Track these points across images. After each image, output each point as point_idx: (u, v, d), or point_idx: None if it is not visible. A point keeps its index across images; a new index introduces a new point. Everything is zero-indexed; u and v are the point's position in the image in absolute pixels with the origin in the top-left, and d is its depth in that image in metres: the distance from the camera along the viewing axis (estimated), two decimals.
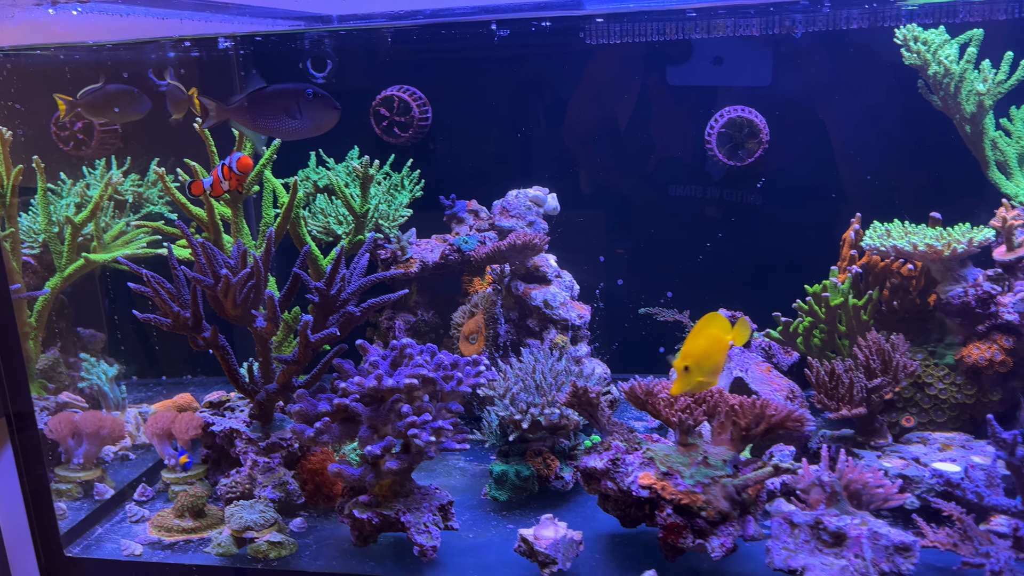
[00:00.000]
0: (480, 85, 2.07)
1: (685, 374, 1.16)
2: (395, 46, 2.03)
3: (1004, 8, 1.69)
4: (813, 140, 1.91)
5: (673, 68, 1.96)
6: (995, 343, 1.50)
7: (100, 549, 1.47)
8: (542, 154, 2.06)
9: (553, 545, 1.31)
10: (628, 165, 2.07)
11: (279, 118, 1.40)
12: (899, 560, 1.24)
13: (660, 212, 2.06)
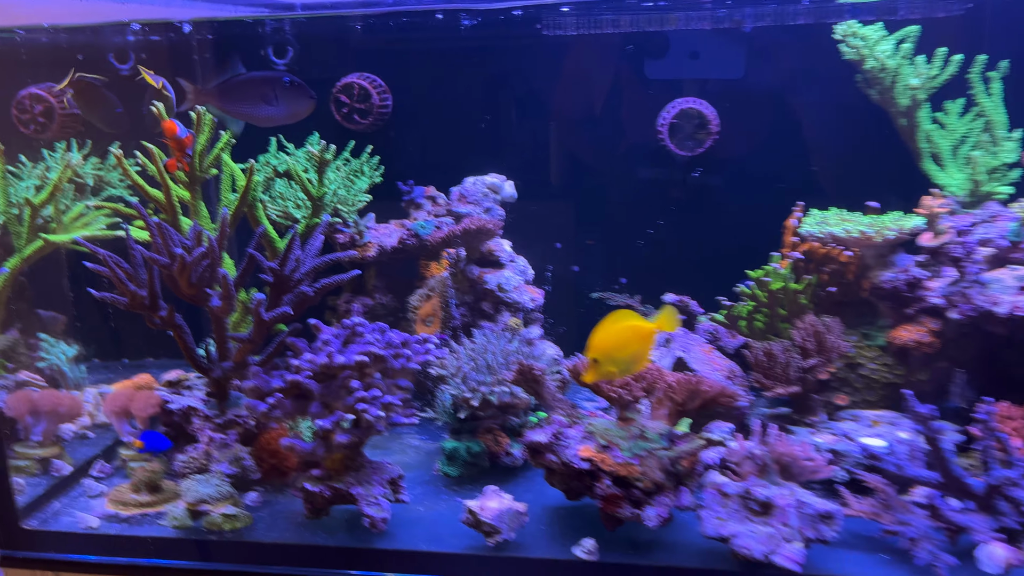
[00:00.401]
0: (440, 74, 2.11)
1: (595, 365, 1.23)
2: (356, 34, 2.06)
3: (942, 6, 1.77)
4: (761, 131, 1.98)
5: (626, 60, 2.02)
6: (923, 325, 1.58)
7: (57, 522, 1.51)
8: (500, 143, 2.11)
9: (498, 516, 1.37)
10: (583, 154, 2.12)
11: (255, 104, 1.44)
12: (823, 528, 1.31)
13: (614, 200, 2.12)
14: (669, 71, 2.01)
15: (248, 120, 1.48)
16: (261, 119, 1.47)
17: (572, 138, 2.11)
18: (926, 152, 1.75)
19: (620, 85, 2.03)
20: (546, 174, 2.12)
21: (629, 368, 1.26)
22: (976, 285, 1.49)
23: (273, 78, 1.45)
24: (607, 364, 1.24)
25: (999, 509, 1.33)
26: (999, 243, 1.56)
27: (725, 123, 1.93)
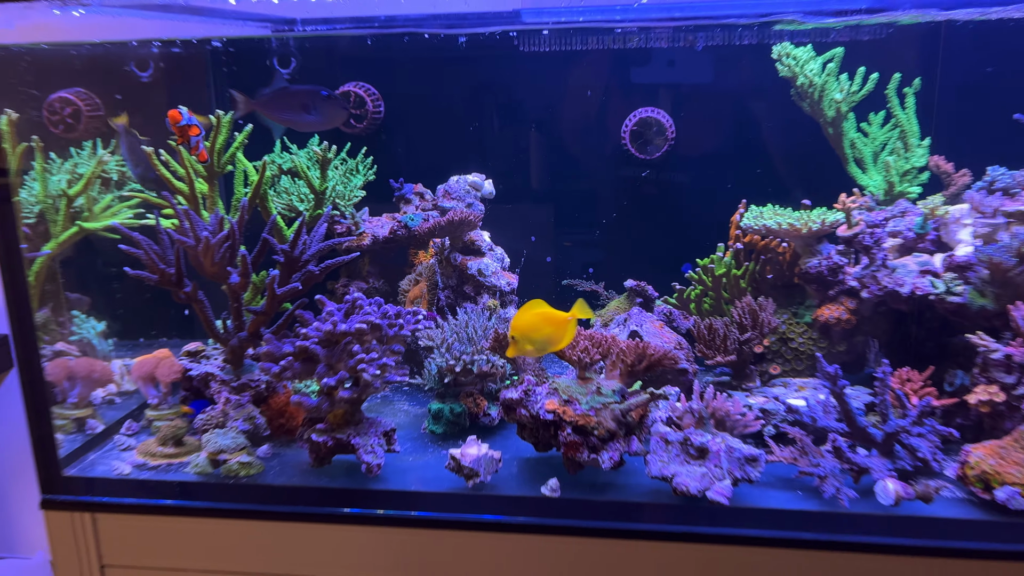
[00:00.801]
0: (428, 83, 2.35)
1: (514, 342, 1.53)
2: (352, 47, 2.30)
3: (867, 31, 2.04)
4: (711, 137, 2.24)
5: (594, 74, 2.27)
6: (842, 304, 1.84)
7: (93, 470, 1.73)
8: (481, 146, 2.35)
9: (476, 461, 1.61)
10: (557, 157, 2.37)
11: (297, 113, 1.70)
12: (748, 469, 1.56)
13: (582, 198, 2.37)
14: (630, 84, 2.26)
15: (290, 126, 1.73)
16: (302, 125, 1.72)
17: (545, 142, 2.36)
18: (851, 157, 2.01)
19: (588, 96, 2.29)
20: (522, 174, 2.37)
21: (544, 347, 1.55)
22: (883, 269, 1.75)
23: (312, 91, 1.72)
24: (524, 343, 1.53)
25: (897, 454, 1.59)
26: (907, 235, 1.83)
27: (680, 130, 2.19)
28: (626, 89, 2.26)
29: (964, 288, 1.66)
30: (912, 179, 1.95)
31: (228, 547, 1.64)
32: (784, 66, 1.96)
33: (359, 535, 1.61)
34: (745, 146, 2.21)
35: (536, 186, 2.37)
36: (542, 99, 2.34)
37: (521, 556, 1.56)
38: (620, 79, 2.27)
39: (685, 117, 2.21)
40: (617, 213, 2.30)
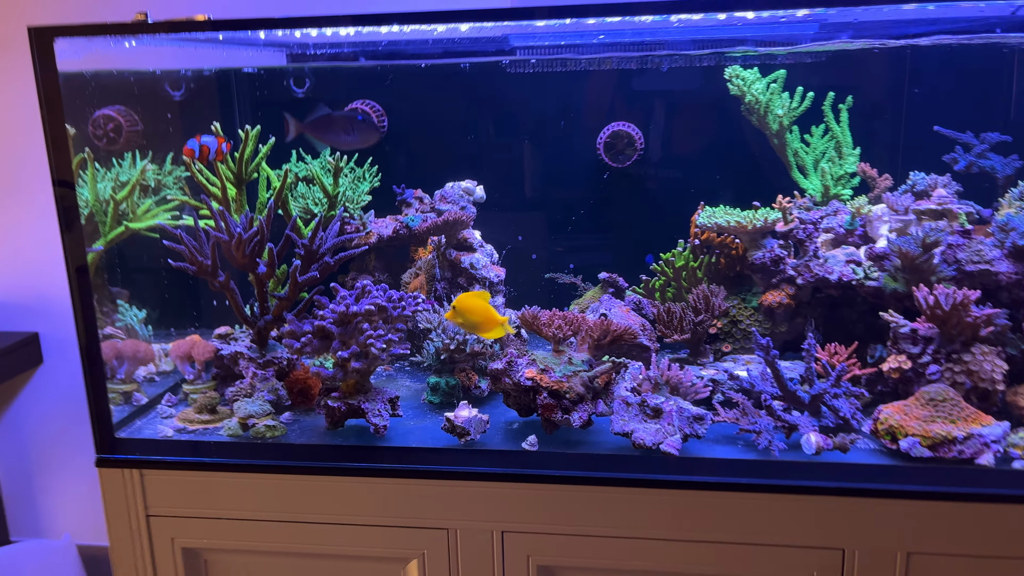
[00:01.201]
0: (426, 100, 2.66)
1: (453, 310, 1.89)
2: (359, 68, 2.60)
3: (809, 56, 2.34)
4: (676, 147, 2.54)
5: (573, 92, 2.58)
6: (783, 291, 2.13)
7: (140, 433, 2.02)
8: (474, 156, 2.66)
9: (467, 421, 1.90)
10: (541, 165, 2.67)
11: (338, 135, 2.05)
12: (696, 426, 1.85)
13: (564, 202, 2.67)
14: (604, 101, 2.57)
15: (333, 146, 2.11)
16: (342, 144, 2.11)
17: (531, 152, 2.66)
18: (794, 164, 2.31)
19: (567, 111, 2.59)
20: (510, 181, 2.67)
21: (469, 327, 1.93)
22: (815, 259, 2.05)
23: (350, 116, 2.09)
24: (458, 315, 1.90)
25: (823, 413, 1.88)
26: (838, 230, 2.12)
27: (648, 141, 2.50)
28: (600, 105, 2.56)
29: (880, 274, 1.96)
30: (845, 183, 2.25)
31: (256, 497, 1.93)
32: (734, 86, 2.26)
33: (368, 486, 1.89)
34: (704, 155, 2.51)
35: (522, 191, 2.67)
36: (528, 114, 2.65)
37: (504, 501, 1.85)
38: (595, 96, 2.57)
39: (652, 130, 2.51)
40: (593, 214, 2.60)
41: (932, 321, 1.83)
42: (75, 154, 2.12)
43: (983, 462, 1.69)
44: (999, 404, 1.83)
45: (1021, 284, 1.86)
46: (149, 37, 1.87)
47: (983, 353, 1.80)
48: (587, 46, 2.41)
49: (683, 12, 1.77)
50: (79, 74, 2.15)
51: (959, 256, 1.90)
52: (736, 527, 1.78)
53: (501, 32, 2.32)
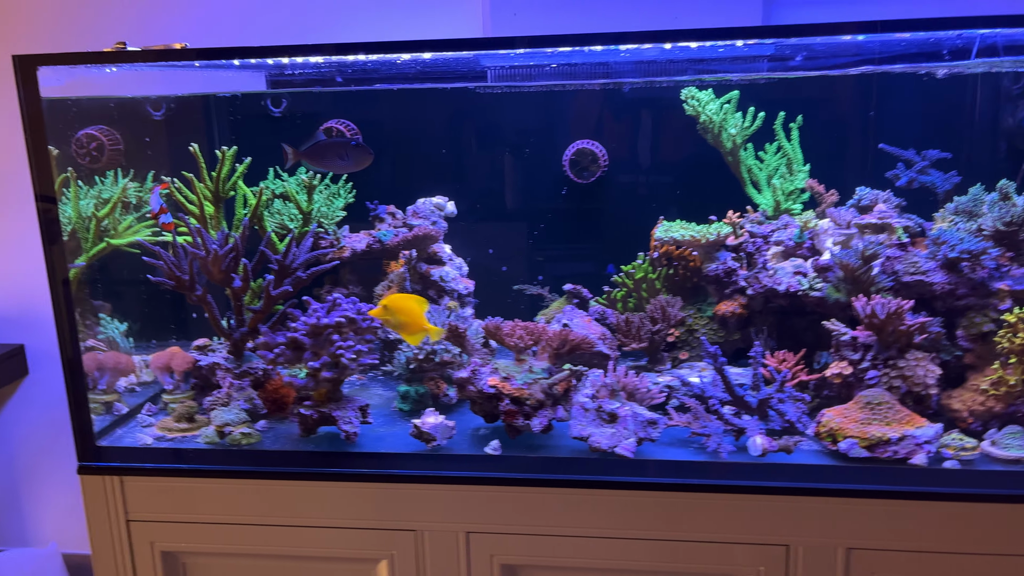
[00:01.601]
0: (398, 119, 2.76)
1: (383, 309, 1.96)
2: (332, 89, 2.70)
3: (762, 79, 2.46)
4: (638, 164, 2.65)
5: (540, 112, 2.69)
6: (736, 301, 2.24)
7: (121, 441, 2.11)
8: (445, 173, 2.76)
9: (434, 427, 2.00)
10: (510, 182, 2.78)
11: (334, 160, 2.18)
12: (650, 430, 1.95)
13: (531, 217, 2.77)
14: (569, 120, 2.68)
15: (330, 170, 2.31)
16: (339, 168, 2.26)
17: (501, 169, 2.77)
18: (748, 180, 2.43)
19: (534, 130, 2.70)
20: (481, 196, 2.78)
21: (396, 325, 1.99)
22: (764, 271, 2.17)
23: (344, 142, 2.21)
24: (387, 312, 1.96)
25: (770, 417, 1.99)
26: (787, 243, 2.24)
27: (611, 158, 2.61)
28: (565, 124, 2.67)
29: (823, 285, 2.07)
30: (795, 198, 2.37)
31: (232, 502, 2.02)
32: (689, 106, 2.37)
33: (339, 490, 1.98)
34: (664, 171, 2.62)
35: (492, 207, 2.78)
36: (498, 133, 2.76)
37: (469, 503, 1.94)
38: (561, 116, 2.68)
39: (615, 147, 2.62)
40: (559, 228, 2.71)
41: (870, 329, 1.95)
42: (58, 173, 2.21)
43: (916, 462, 1.80)
44: (934, 407, 1.95)
45: (954, 294, 1.97)
46: (129, 64, 1.97)
47: (917, 359, 1.91)
48: (554, 69, 2.52)
49: (628, 43, 1.89)
50: (62, 100, 2.25)
51: (897, 268, 2.02)
52: (687, 525, 1.88)
53: (473, 55, 2.43)
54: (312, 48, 2.06)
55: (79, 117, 2.36)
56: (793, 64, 2.37)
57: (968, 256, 1.93)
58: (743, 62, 2.38)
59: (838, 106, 2.59)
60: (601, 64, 2.48)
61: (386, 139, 2.76)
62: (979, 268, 1.95)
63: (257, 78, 2.65)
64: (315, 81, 2.64)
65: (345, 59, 2.23)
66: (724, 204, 2.43)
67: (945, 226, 2.09)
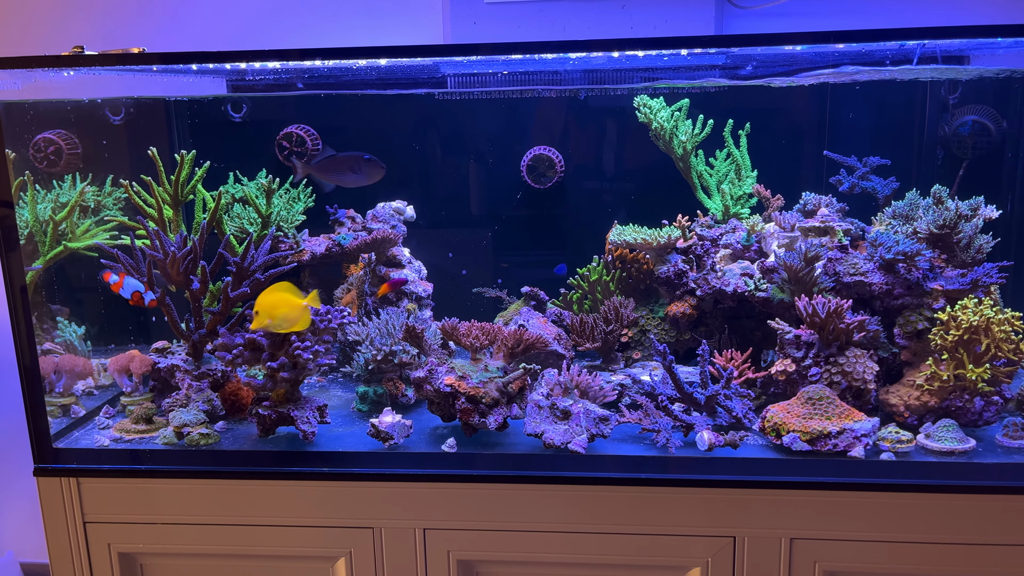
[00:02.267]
0: (358, 124, 2.80)
1: (257, 316, 1.91)
2: (293, 94, 2.73)
3: (713, 87, 2.54)
4: (593, 170, 2.72)
5: (498, 118, 2.75)
6: (685, 302, 2.31)
7: (78, 444, 2.11)
8: (405, 177, 2.80)
9: (391, 426, 2.03)
10: (469, 186, 2.83)
11: (345, 174, 2.16)
12: (602, 426, 2.00)
13: (490, 221, 2.83)
14: (527, 126, 2.74)
15: (340, 184, 2.27)
16: (349, 182, 2.24)
17: (460, 174, 2.82)
18: (698, 186, 2.50)
19: (492, 136, 2.76)
20: (440, 201, 2.82)
21: (282, 325, 1.93)
22: (712, 273, 2.24)
23: (356, 156, 2.19)
24: (265, 317, 1.91)
25: (718, 413, 2.06)
26: (735, 246, 2.31)
27: (567, 164, 2.67)
28: (523, 130, 2.73)
29: (768, 286, 2.15)
30: (744, 203, 2.45)
31: (190, 502, 2.03)
32: (641, 114, 2.44)
33: (297, 489, 2.01)
34: (619, 176, 2.69)
35: (452, 211, 2.83)
36: (457, 139, 2.81)
37: (425, 500, 1.98)
38: (519, 122, 2.74)
39: (572, 153, 2.69)
40: (517, 232, 2.76)
41: (812, 328, 2.03)
42: (15, 177, 2.21)
43: (855, 454, 1.88)
44: (872, 402, 2.03)
45: (891, 293, 2.06)
46: (87, 67, 1.98)
47: (856, 356, 1.99)
48: (512, 76, 2.58)
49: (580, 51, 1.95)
50: (20, 103, 2.25)
51: (838, 269, 2.10)
52: (638, 518, 1.94)
53: (433, 62, 2.48)
54: (272, 53, 2.10)
55: (36, 121, 2.36)
56: (743, 73, 2.46)
57: (903, 257, 2.02)
58: (695, 71, 2.46)
59: (786, 114, 2.68)
60: (556, 72, 2.54)
61: (346, 144, 2.79)
62: (914, 269, 2.04)
63: (218, 83, 2.68)
64: (276, 86, 2.68)
65: (305, 65, 2.27)
66: (676, 208, 2.50)
67: (883, 229, 2.18)
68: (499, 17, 2.57)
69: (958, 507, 1.85)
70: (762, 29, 2.63)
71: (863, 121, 2.64)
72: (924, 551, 1.88)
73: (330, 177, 2.20)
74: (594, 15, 2.54)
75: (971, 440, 1.92)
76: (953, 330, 1.92)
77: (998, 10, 2.52)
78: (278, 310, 1.94)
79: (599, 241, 2.56)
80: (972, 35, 1.92)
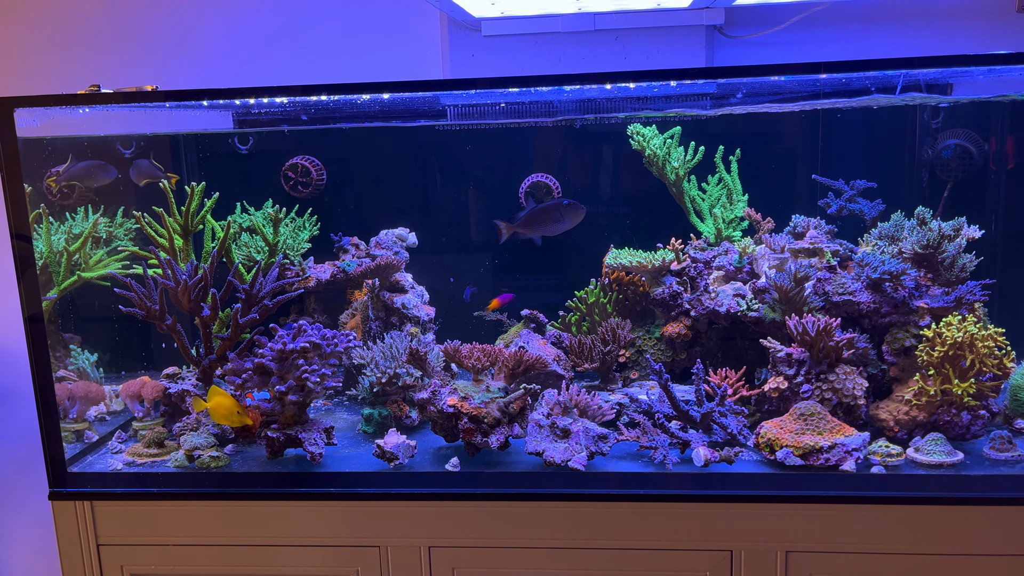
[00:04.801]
0: (361, 156, 2.89)
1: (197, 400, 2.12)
2: (298, 128, 2.83)
3: (704, 115, 2.63)
4: (590, 195, 2.80)
5: (497, 147, 2.83)
6: (681, 323, 2.38)
7: (92, 468, 2.17)
8: (407, 205, 2.89)
9: (396, 447, 2.09)
10: (469, 213, 2.91)
11: (549, 225, 2.24)
12: (601, 444, 2.06)
13: (492, 246, 2.90)
14: (525, 154, 2.83)
15: (547, 234, 2.34)
16: (555, 230, 2.31)
17: (461, 201, 2.90)
18: (691, 210, 2.58)
19: (491, 163, 2.85)
20: (442, 227, 2.90)
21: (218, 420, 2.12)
22: (706, 294, 2.31)
23: (557, 204, 2.27)
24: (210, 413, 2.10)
25: (713, 430, 2.12)
26: (728, 268, 2.39)
27: (565, 190, 2.75)
28: (521, 158, 2.82)
29: (760, 306, 2.22)
30: (735, 226, 2.53)
31: (201, 524, 2.09)
32: (635, 141, 2.53)
33: (305, 509, 2.06)
34: (614, 202, 2.78)
35: (453, 237, 2.91)
36: (458, 167, 2.90)
37: (430, 519, 2.03)
38: (517, 151, 2.83)
39: (568, 180, 2.77)
40: (516, 257, 2.84)
41: (803, 346, 2.09)
42: (31, 210, 2.29)
43: (846, 468, 1.94)
44: (863, 417, 2.09)
45: (878, 312, 2.13)
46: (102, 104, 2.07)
47: (846, 373, 2.06)
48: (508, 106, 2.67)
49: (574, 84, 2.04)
50: (38, 139, 2.34)
51: (827, 289, 2.17)
52: (637, 533, 1.99)
53: (433, 95, 2.57)
54: (278, 89, 2.19)
55: (53, 156, 2.45)
56: (734, 100, 2.55)
57: (890, 277, 2.09)
58: (687, 100, 2.55)
59: (775, 139, 2.77)
60: (551, 103, 2.63)
61: (350, 174, 2.88)
62: (900, 288, 2.11)
63: (224, 117, 2.77)
64: (281, 119, 2.77)
65: (310, 99, 2.37)
66: (669, 232, 2.58)
67: (869, 250, 2.25)
68: (496, 49, 2.67)
69: (947, 518, 1.90)
70: (751, 58, 2.73)
71: (850, 145, 2.73)
72: (915, 562, 1.93)
73: (536, 231, 2.26)
74: (588, 46, 2.64)
75: (959, 453, 1.98)
76: (939, 346, 1.98)
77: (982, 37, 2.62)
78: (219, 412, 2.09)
79: (596, 264, 2.63)
80: (952, 64, 2.01)
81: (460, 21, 2.61)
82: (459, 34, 2.64)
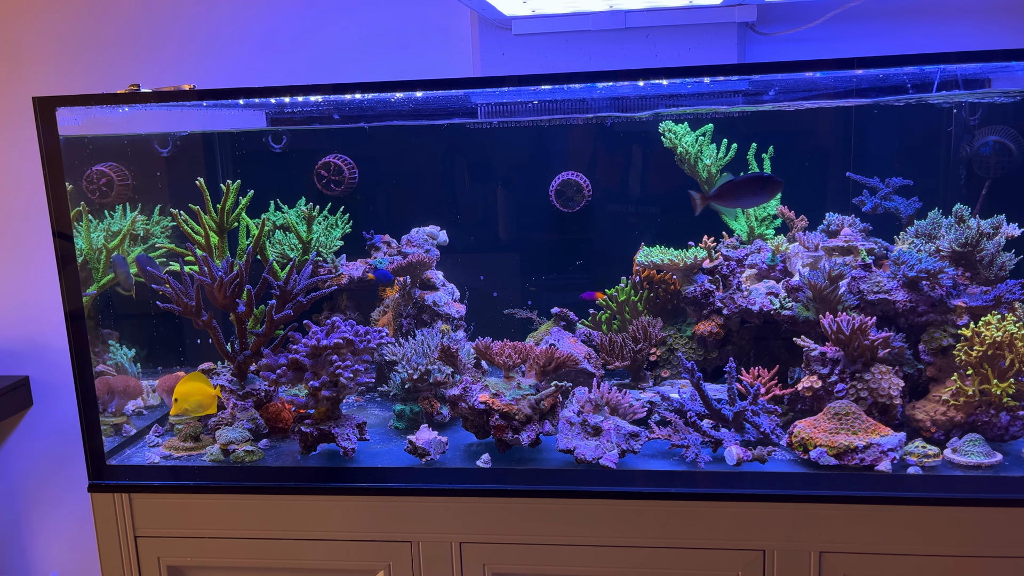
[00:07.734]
0: (393, 154, 2.91)
1: (176, 403, 2.13)
2: (330, 126, 2.85)
3: (737, 112, 2.61)
4: (620, 193, 2.80)
5: (527, 145, 2.84)
6: (713, 321, 2.37)
7: (129, 461, 2.21)
8: (438, 203, 2.90)
9: (427, 442, 2.11)
10: (500, 212, 2.92)
11: (747, 198, 2.23)
12: (632, 442, 2.06)
13: (522, 245, 2.91)
14: (555, 152, 2.83)
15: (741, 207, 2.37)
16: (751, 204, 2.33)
17: (491, 199, 2.91)
18: (723, 208, 2.56)
19: (522, 161, 2.85)
20: (472, 225, 2.91)
21: (196, 410, 2.16)
22: (739, 292, 2.30)
23: (755, 177, 2.25)
24: (183, 403, 2.14)
25: (746, 429, 2.10)
26: (761, 266, 2.37)
27: (595, 188, 2.75)
28: (551, 156, 2.82)
29: (794, 304, 2.20)
30: (768, 224, 2.51)
31: (236, 517, 2.11)
32: (667, 139, 2.52)
33: (338, 503, 2.08)
34: (646, 200, 2.77)
35: (483, 235, 2.92)
36: (488, 165, 2.91)
37: (461, 515, 2.04)
38: (547, 149, 2.83)
39: (599, 177, 2.77)
40: (547, 255, 2.85)
41: (837, 344, 2.07)
42: (72, 207, 2.34)
43: (882, 468, 1.92)
44: (899, 417, 2.06)
45: (915, 311, 2.10)
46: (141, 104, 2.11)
47: (881, 372, 2.03)
48: (539, 104, 2.68)
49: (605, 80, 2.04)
50: (79, 137, 2.39)
51: (862, 287, 2.15)
52: (668, 532, 1.99)
53: (464, 93, 2.58)
54: (312, 88, 2.21)
55: (94, 154, 2.49)
56: (766, 98, 2.53)
57: (926, 275, 2.07)
58: (719, 96, 2.54)
59: (808, 136, 2.74)
60: (583, 100, 2.63)
61: (381, 172, 2.90)
62: (937, 286, 2.08)
63: (258, 116, 2.81)
64: (314, 118, 2.80)
65: (342, 97, 2.39)
66: (701, 230, 2.56)
67: (905, 248, 2.22)
68: (527, 48, 2.67)
69: (985, 520, 1.87)
70: (784, 55, 2.70)
71: (885, 142, 2.69)
72: (951, 564, 1.91)
73: (731, 203, 2.25)
74: (619, 45, 2.63)
75: (997, 454, 1.95)
76: (977, 346, 1.95)
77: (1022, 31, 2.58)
78: (193, 397, 2.15)
79: (627, 263, 2.62)
80: (991, 59, 1.98)
81: (491, 20, 2.62)
82: (490, 33, 2.64)
